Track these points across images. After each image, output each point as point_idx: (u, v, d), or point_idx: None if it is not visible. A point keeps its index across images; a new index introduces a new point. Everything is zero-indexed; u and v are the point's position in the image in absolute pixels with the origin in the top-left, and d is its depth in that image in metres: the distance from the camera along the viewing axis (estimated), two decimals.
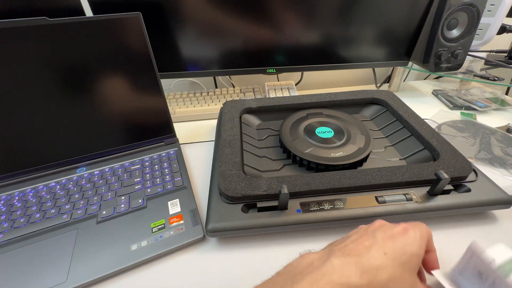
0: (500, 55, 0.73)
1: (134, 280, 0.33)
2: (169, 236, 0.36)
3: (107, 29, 0.42)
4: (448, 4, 0.57)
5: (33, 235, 0.37)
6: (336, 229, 0.37)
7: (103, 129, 0.49)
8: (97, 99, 0.46)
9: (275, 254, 0.35)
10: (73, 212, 0.40)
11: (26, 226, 0.38)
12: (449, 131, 0.56)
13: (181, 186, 0.44)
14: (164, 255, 0.35)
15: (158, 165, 0.48)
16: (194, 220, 0.38)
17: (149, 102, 0.50)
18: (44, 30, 0.40)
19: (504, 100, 0.67)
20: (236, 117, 0.51)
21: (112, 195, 0.42)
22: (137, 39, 0.45)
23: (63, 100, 0.44)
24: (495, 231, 0.36)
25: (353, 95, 0.57)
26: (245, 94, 0.72)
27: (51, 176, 0.47)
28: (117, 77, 0.46)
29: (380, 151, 0.47)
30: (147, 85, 0.48)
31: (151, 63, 0.47)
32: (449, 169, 0.38)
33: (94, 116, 0.47)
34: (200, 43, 0.63)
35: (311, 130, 0.48)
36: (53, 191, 0.44)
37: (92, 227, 0.38)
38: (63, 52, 0.42)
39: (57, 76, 0.42)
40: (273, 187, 0.36)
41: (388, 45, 0.66)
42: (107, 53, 0.44)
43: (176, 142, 0.54)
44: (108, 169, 0.48)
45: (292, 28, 0.62)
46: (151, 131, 0.52)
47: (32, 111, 0.43)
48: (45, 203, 0.42)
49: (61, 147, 0.47)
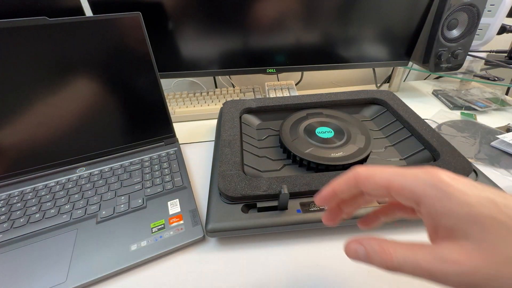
0: (500, 55, 0.73)
1: (133, 281, 0.33)
2: (169, 236, 0.36)
3: (107, 29, 0.42)
4: (448, 4, 0.57)
5: (33, 235, 0.37)
6: (337, 229, 0.37)
7: (103, 129, 0.49)
8: (97, 99, 0.46)
9: (275, 254, 0.35)
10: (73, 212, 0.40)
11: (25, 226, 0.38)
12: (449, 131, 0.56)
13: (181, 186, 0.44)
14: (164, 255, 0.35)
15: (157, 165, 0.48)
16: (194, 220, 0.38)
17: (149, 102, 0.50)
18: (44, 30, 0.39)
19: (504, 100, 0.67)
20: (236, 117, 0.51)
21: (112, 195, 0.42)
22: (137, 39, 0.45)
23: (62, 99, 0.44)
24: None
25: (353, 95, 0.57)
26: (245, 94, 0.72)
27: (51, 176, 0.46)
28: (117, 77, 0.46)
29: (380, 151, 0.47)
30: (147, 85, 0.48)
31: (151, 63, 0.47)
32: (449, 169, 0.38)
33: (94, 116, 0.47)
34: (200, 43, 0.63)
35: (311, 130, 0.48)
36: (53, 191, 0.44)
37: (91, 227, 0.38)
38: (63, 52, 0.41)
39: (57, 76, 0.42)
40: (273, 187, 0.36)
41: (388, 45, 0.66)
42: (107, 53, 0.44)
43: (175, 142, 0.54)
44: (108, 169, 0.47)
45: (292, 28, 0.62)
46: (151, 131, 0.52)
47: (31, 111, 0.43)
48: (45, 203, 0.42)
49: (60, 147, 0.47)
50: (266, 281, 0.32)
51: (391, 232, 0.36)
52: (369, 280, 0.31)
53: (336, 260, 0.34)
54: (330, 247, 0.35)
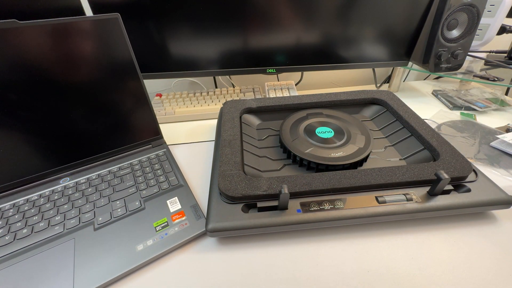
0: (500, 56, 0.73)
1: (135, 283, 0.33)
2: (175, 232, 0.36)
3: (85, 31, 0.41)
4: (448, 4, 0.57)
5: (24, 251, 0.35)
6: (337, 229, 0.37)
7: (85, 136, 0.47)
8: (76, 104, 0.44)
9: (275, 254, 0.35)
10: (66, 223, 0.39)
11: (12, 243, 0.36)
12: (449, 131, 0.57)
13: (177, 184, 0.44)
14: (172, 251, 0.35)
15: (149, 167, 0.48)
16: (197, 215, 0.39)
17: (133, 105, 0.49)
18: (14, 33, 0.37)
19: (504, 100, 0.67)
20: (236, 117, 0.51)
21: (106, 201, 0.42)
22: (118, 41, 0.43)
23: (38, 107, 0.41)
24: (495, 231, 0.36)
25: (353, 95, 0.57)
26: (245, 94, 0.72)
27: (32, 190, 0.44)
28: (98, 81, 0.44)
29: (380, 151, 0.47)
30: (130, 88, 0.47)
31: (133, 65, 0.46)
32: (449, 169, 0.38)
33: (74, 123, 0.45)
34: (201, 43, 0.63)
35: (311, 130, 0.48)
36: (37, 204, 0.42)
37: (90, 234, 0.37)
38: (38, 56, 0.39)
39: (33, 82, 0.40)
40: (273, 187, 0.36)
41: (388, 45, 0.66)
42: (86, 56, 0.42)
43: (163, 144, 0.54)
44: (96, 176, 0.46)
45: (292, 28, 0.62)
46: (137, 135, 0.51)
47: (4, 120, 0.40)
48: (31, 217, 0.40)
49: (39, 158, 0.44)
50: (266, 281, 0.32)
51: (391, 232, 0.36)
52: (369, 280, 0.31)
53: (336, 260, 0.34)
54: (330, 247, 0.35)
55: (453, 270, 0.32)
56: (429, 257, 0.33)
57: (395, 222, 0.38)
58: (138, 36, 0.60)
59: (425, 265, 0.32)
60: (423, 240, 0.35)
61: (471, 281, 0.31)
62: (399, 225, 0.37)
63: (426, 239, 0.35)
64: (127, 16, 0.56)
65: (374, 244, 0.35)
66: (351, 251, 0.34)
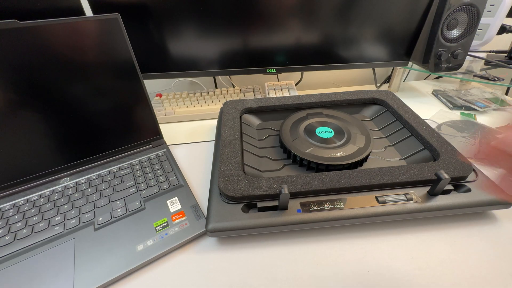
0: (500, 55, 0.73)
1: (135, 283, 0.33)
2: (175, 233, 0.36)
3: (85, 31, 0.41)
4: (448, 4, 0.57)
5: (24, 252, 0.35)
6: (337, 229, 0.37)
7: (85, 136, 0.47)
8: (76, 105, 0.44)
9: (275, 254, 0.35)
10: (66, 223, 0.39)
11: (12, 243, 0.36)
12: (449, 131, 0.57)
13: (177, 184, 0.44)
14: (172, 251, 0.35)
15: (149, 167, 0.48)
16: (197, 215, 0.39)
17: (133, 106, 0.49)
18: (15, 33, 0.37)
19: (504, 100, 0.67)
20: (236, 117, 0.51)
21: (106, 201, 0.42)
22: (118, 41, 0.43)
23: (38, 107, 0.41)
24: (495, 231, 0.36)
25: (353, 95, 0.57)
26: (245, 94, 0.72)
27: (31, 190, 0.44)
28: (98, 81, 0.44)
29: (380, 151, 0.47)
30: (130, 88, 0.47)
31: (133, 65, 0.46)
32: (449, 169, 0.38)
33: (74, 123, 0.45)
34: (201, 43, 0.63)
35: (311, 130, 0.48)
36: (37, 204, 0.42)
37: (90, 234, 0.37)
38: (39, 57, 0.39)
39: (33, 82, 0.40)
40: (274, 187, 0.36)
41: (388, 45, 0.66)
42: (86, 56, 0.42)
43: (163, 144, 0.54)
44: (96, 176, 0.46)
45: (292, 28, 0.62)
46: (137, 135, 0.51)
47: (4, 121, 0.40)
48: (31, 217, 0.40)
49: (39, 158, 0.44)
50: (266, 281, 0.32)
51: (391, 232, 0.36)
52: (369, 280, 0.31)
53: (336, 260, 0.34)
54: (330, 247, 0.35)
55: (453, 270, 0.32)
56: (429, 257, 0.33)
57: (395, 222, 0.38)
58: (138, 36, 0.60)
59: (425, 265, 0.32)
60: (423, 240, 0.35)
61: (471, 281, 0.31)
62: (399, 225, 0.37)
63: (426, 239, 0.35)
64: (127, 16, 0.56)
65: (374, 244, 0.35)
66: (351, 251, 0.34)
